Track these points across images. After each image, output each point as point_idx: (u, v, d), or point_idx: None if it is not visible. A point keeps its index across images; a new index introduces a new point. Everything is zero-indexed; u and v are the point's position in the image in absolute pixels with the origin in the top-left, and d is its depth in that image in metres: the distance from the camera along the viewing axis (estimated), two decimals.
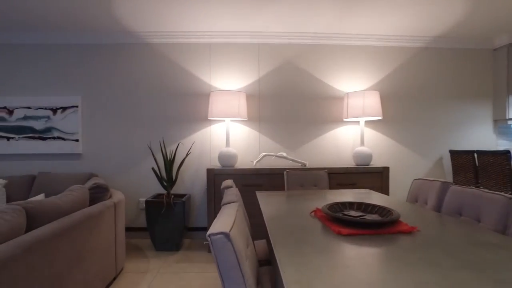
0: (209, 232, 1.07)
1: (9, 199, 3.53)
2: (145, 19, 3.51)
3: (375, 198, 2.38)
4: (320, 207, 2.02)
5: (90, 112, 3.97)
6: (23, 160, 4.00)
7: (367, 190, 2.76)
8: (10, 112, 3.94)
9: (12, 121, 3.94)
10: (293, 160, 3.76)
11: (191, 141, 3.95)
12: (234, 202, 1.62)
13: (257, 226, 3.37)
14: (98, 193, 2.65)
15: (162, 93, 3.96)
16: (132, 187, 3.97)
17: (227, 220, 1.21)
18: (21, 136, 3.93)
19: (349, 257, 1.15)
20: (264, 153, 3.64)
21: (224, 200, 1.68)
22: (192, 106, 3.96)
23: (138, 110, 3.96)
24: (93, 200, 2.61)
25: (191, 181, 3.96)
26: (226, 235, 1.04)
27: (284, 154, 3.70)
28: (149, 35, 3.89)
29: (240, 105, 3.59)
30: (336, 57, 4.05)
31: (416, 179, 2.52)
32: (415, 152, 4.13)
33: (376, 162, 4.10)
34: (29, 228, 1.83)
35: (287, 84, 4.01)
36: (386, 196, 2.47)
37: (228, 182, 2.24)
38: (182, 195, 3.78)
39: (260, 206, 2.11)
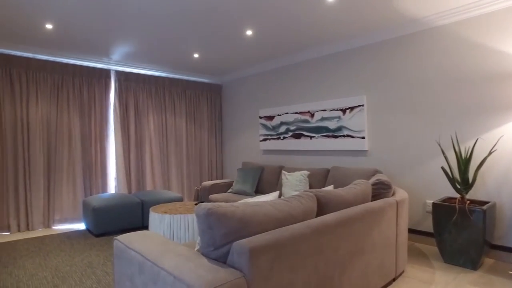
0: None
1: (310, 187, 4.24)
2: (428, 1, 3.13)
3: None
4: None
5: (374, 109, 4.06)
6: (320, 155, 4.69)
7: None
8: (312, 115, 4.72)
9: (313, 122, 4.70)
10: None
11: (496, 135, 3.13)
12: None
13: None
14: (381, 189, 2.62)
15: (452, 80, 3.40)
16: (417, 186, 3.68)
17: None
18: (319, 135, 4.62)
19: None
20: None
21: None
22: (495, 91, 3.13)
23: (423, 103, 3.62)
24: (375, 196, 2.61)
25: (496, 186, 3.14)
26: None
27: None
28: (433, 18, 3.45)
29: None
30: None
31: None
32: None
33: None
34: (318, 213, 2.06)
35: None
36: None
37: None
38: (483, 202, 3.06)
39: None
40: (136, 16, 3.46)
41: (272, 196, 2.11)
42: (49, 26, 3.69)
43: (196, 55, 4.93)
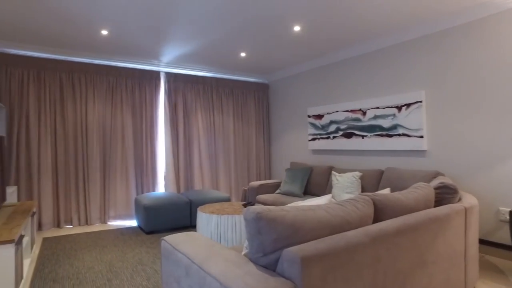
0: None
1: (363, 190, 3.99)
2: None
3: None
4: None
5: (435, 106, 3.71)
6: (373, 155, 4.40)
7: None
8: (364, 114, 4.46)
9: (365, 121, 4.43)
10: None
11: None
12: None
13: None
14: (445, 194, 2.35)
15: None
16: (487, 191, 3.28)
17: None
18: (372, 134, 4.35)
19: None
20: None
21: None
22: None
23: (494, 97, 3.22)
24: (438, 201, 2.35)
25: None
26: None
27: None
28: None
29: None
30: None
31: None
32: None
33: None
34: (375, 219, 1.88)
35: None
36: None
37: None
38: None
39: None
40: (184, 19, 3.49)
41: (324, 199, 1.97)
42: (104, 32, 3.87)
43: (243, 54, 4.90)
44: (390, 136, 4.11)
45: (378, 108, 4.26)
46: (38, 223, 4.35)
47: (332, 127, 4.94)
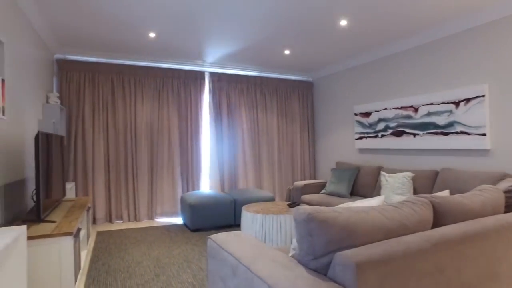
0: None
1: (415, 192, 3.74)
2: None
3: None
4: None
5: (500, 101, 3.36)
6: (426, 155, 4.11)
7: None
8: (416, 110, 4.17)
9: (417, 118, 4.15)
10: None
11: None
12: None
13: None
14: None
15: None
16: None
17: None
18: (425, 132, 4.06)
19: None
20: None
21: None
22: None
23: None
24: (509, 207, 2.11)
25: None
26: None
27: None
28: None
29: None
30: None
31: None
32: None
33: None
34: (434, 224, 1.72)
35: None
36: None
37: None
38: None
39: None
40: (228, 19, 3.50)
41: (377, 201, 1.84)
42: (152, 34, 4.00)
43: (287, 52, 4.82)
44: (446, 134, 3.81)
45: (432, 104, 3.97)
46: (92, 217, 4.62)
47: (381, 125, 4.69)
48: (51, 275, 2.17)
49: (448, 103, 3.79)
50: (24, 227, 1.87)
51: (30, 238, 2.10)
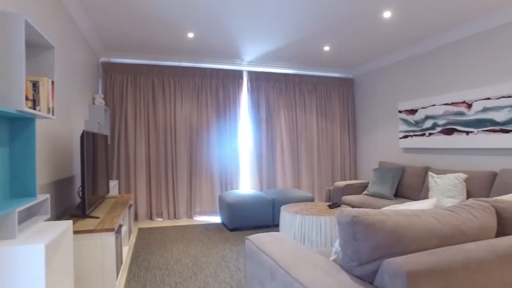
0: None
1: (468, 195, 3.43)
2: None
3: None
4: None
5: None
6: (481, 154, 3.76)
7: None
8: (469, 106, 3.84)
9: (471, 114, 3.82)
10: None
11: None
12: None
13: None
14: None
15: None
16: None
17: None
18: (479, 129, 3.72)
19: None
20: None
21: None
22: None
23: None
24: None
25: None
26: None
27: None
28: None
29: None
30: None
31: None
32: None
33: None
34: (499, 232, 1.52)
35: None
36: None
37: None
38: None
39: None
40: (267, 17, 3.43)
41: (428, 204, 1.68)
42: (190, 34, 4.05)
43: (326, 48, 4.67)
44: (507, 131, 3.45)
45: (489, 99, 3.62)
46: (134, 214, 4.78)
47: (428, 123, 4.38)
48: (94, 269, 2.23)
49: (509, 97, 3.44)
50: (70, 222, 1.94)
51: (76, 232, 2.18)
